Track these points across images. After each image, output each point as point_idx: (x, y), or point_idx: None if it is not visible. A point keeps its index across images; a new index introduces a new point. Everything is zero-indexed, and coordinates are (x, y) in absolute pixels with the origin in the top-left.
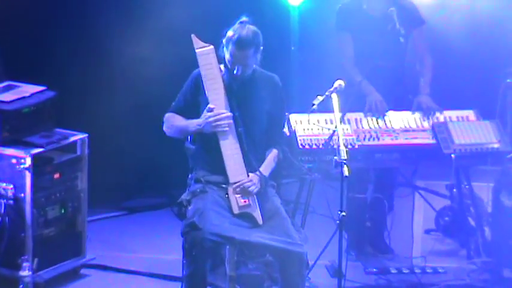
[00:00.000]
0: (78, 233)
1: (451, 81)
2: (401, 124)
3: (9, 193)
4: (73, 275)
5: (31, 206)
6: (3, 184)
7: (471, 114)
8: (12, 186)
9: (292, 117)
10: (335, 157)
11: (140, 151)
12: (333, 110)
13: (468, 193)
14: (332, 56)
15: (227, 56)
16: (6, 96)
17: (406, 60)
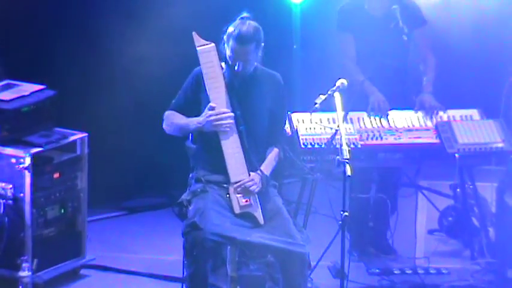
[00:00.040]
0: (78, 233)
1: (455, 80)
2: (404, 123)
3: (8, 193)
4: (73, 276)
5: (30, 206)
6: (2, 184)
7: (475, 113)
8: (11, 186)
9: (294, 116)
10: (337, 157)
11: (140, 150)
12: (336, 109)
13: (472, 193)
14: (334, 55)
15: (228, 52)
16: (5, 95)
17: (410, 60)
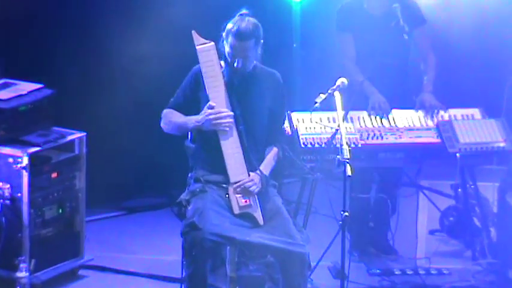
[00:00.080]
0: (76, 234)
1: (456, 79)
2: (405, 123)
3: (5, 193)
4: (71, 276)
5: (28, 206)
6: None
7: (476, 112)
8: (9, 186)
9: (294, 115)
10: (338, 156)
11: (140, 150)
12: (336, 108)
13: (473, 193)
14: (335, 54)
15: (227, 49)
16: (2, 94)
17: (410, 59)
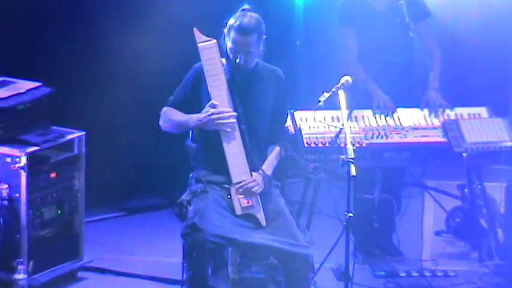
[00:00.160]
0: (75, 235)
1: (463, 77)
2: (410, 121)
3: (3, 193)
4: (70, 278)
5: (26, 207)
6: None
7: (483, 111)
8: (6, 186)
9: (297, 114)
10: (342, 156)
11: (140, 150)
12: (340, 107)
13: (480, 193)
14: (338, 51)
15: (229, 45)
16: (0, 92)
17: (416, 56)
